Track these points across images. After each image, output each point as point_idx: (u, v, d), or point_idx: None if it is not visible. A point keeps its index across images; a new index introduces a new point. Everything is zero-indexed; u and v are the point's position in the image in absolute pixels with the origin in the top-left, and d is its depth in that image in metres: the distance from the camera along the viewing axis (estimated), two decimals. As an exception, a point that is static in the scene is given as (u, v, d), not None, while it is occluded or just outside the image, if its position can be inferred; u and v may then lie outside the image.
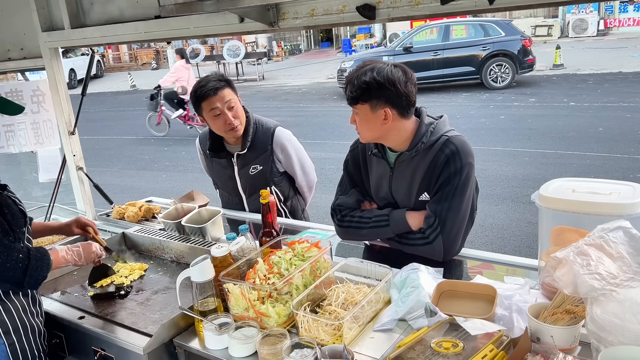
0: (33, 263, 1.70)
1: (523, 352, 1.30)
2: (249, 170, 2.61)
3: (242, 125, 2.53)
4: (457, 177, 1.89)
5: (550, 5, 1.83)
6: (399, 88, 1.82)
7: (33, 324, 1.78)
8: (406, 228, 1.99)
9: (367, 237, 2.15)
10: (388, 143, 1.99)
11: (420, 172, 1.95)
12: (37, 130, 3.10)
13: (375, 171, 2.08)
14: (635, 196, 1.51)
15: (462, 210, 1.93)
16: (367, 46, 22.10)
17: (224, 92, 2.45)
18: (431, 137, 1.92)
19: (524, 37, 13.31)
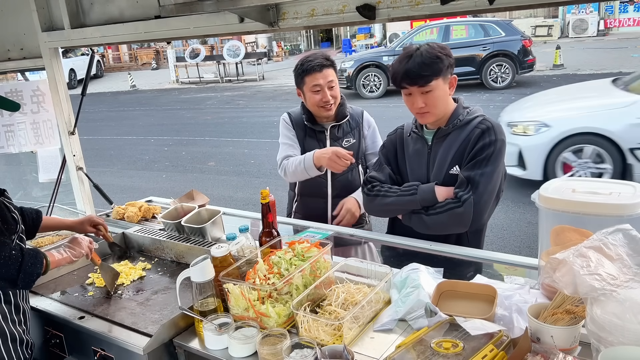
0: (27, 260, 1.69)
1: (523, 352, 1.30)
2: (341, 143, 2.62)
3: (335, 106, 2.59)
4: (491, 147, 1.98)
5: (550, 5, 1.84)
6: (452, 56, 2.02)
7: (14, 332, 1.74)
8: (433, 200, 2.04)
9: (392, 207, 2.17)
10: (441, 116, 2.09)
11: (454, 147, 2.06)
12: (37, 130, 3.10)
13: (413, 150, 2.19)
14: (635, 197, 1.51)
15: (494, 180, 2.00)
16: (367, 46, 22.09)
17: (329, 71, 2.52)
18: (467, 116, 2.08)
19: (524, 37, 13.31)
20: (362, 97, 13.62)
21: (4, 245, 1.66)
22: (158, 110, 15.41)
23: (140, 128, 12.78)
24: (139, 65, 29.12)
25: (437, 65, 1.96)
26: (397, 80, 2.03)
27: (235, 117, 10.03)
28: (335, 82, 2.55)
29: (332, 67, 2.54)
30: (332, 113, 2.58)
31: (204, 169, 8.79)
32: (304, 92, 2.57)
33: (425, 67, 1.95)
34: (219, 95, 17.00)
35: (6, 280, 1.68)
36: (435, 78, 1.97)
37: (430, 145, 2.13)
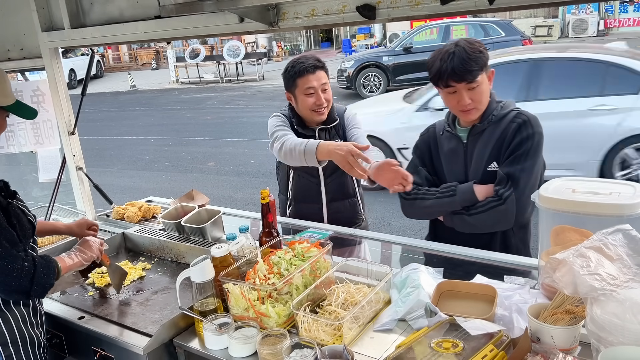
0: (39, 271, 1.67)
1: (523, 352, 1.30)
2: None
3: (328, 110, 2.49)
4: (529, 141, 1.96)
5: (550, 5, 1.84)
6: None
7: (32, 335, 1.75)
8: (473, 199, 2.02)
9: (431, 210, 2.14)
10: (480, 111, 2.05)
11: (491, 143, 2.03)
12: (37, 130, 3.10)
13: (448, 149, 2.15)
14: (635, 197, 1.51)
15: (534, 174, 1.98)
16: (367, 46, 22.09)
17: (321, 73, 2.43)
18: (501, 111, 2.04)
19: (524, 37, 13.31)
20: (362, 97, 13.59)
21: (16, 258, 1.64)
22: (158, 110, 15.41)
23: (140, 128, 12.77)
24: (139, 65, 29.11)
25: (482, 60, 1.95)
26: (443, 79, 1.97)
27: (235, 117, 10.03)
28: (328, 84, 2.46)
29: (324, 69, 2.45)
30: (324, 118, 2.48)
31: (204, 169, 8.79)
32: (296, 95, 2.45)
33: (471, 62, 1.92)
34: (219, 96, 16.99)
35: (20, 292, 1.67)
36: (481, 72, 1.95)
37: (465, 143, 2.09)
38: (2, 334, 1.69)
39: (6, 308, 1.71)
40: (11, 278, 1.62)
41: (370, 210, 5.97)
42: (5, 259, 1.61)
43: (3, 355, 1.69)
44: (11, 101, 1.80)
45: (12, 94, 1.82)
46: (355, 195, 2.63)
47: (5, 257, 1.62)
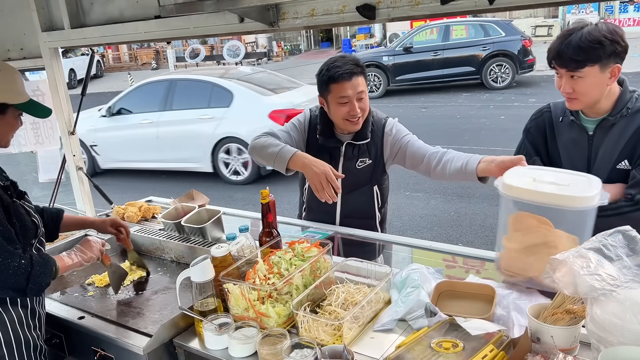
0: (36, 269, 1.66)
1: (523, 352, 1.30)
2: (355, 164, 2.30)
3: (363, 119, 2.27)
4: None
5: (550, 5, 1.84)
6: (626, 42, 1.79)
7: (29, 337, 1.73)
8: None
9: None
10: (597, 107, 1.89)
11: (623, 139, 1.85)
12: (37, 130, 3.10)
13: (568, 139, 1.97)
14: (589, 189, 1.51)
15: None
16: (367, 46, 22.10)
17: (359, 80, 2.18)
18: (637, 103, 1.86)
19: (524, 37, 13.30)
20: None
21: (13, 255, 1.63)
22: (158, 110, 15.36)
23: (140, 128, 12.72)
24: (139, 65, 29.09)
25: (596, 52, 1.74)
26: (549, 58, 1.85)
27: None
28: (365, 92, 2.22)
29: (362, 75, 2.20)
30: (358, 127, 2.25)
31: (204, 169, 8.78)
32: (328, 102, 2.24)
33: (580, 51, 1.75)
34: (219, 95, 16.95)
35: (15, 289, 1.65)
36: (591, 65, 1.76)
37: (591, 135, 1.91)
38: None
39: (3, 309, 1.69)
40: (7, 275, 1.61)
41: (370, 210, 6.00)
42: (1, 256, 1.60)
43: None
44: (24, 99, 1.79)
45: (25, 92, 1.81)
46: (372, 217, 2.42)
47: (1, 253, 1.60)
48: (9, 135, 1.84)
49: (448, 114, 10.86)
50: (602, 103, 1.89)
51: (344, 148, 2.32)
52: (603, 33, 1.75)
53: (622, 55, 1.79)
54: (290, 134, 2.37)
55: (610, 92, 1.87)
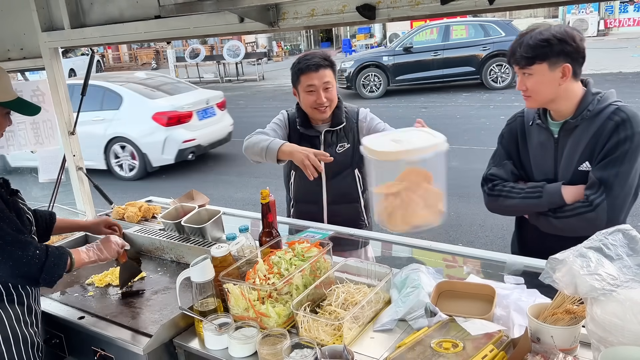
0: (50, 260, 1.69)
1: (523, 352, 1.30)
2: (335, 149, 2.48)
3: (331, 109, 2.47)
4: (627, 143, 1.81)
5: (550, 5, 1.84)
6: (577, 43, 1.83)
7: (26, 334, 1.75)
8: (560, 202, 1.90)
9: (516, 209, 2.06)
10: (556, 107, 1.94)
11: (584, 141, 1.89)
12: (37, 130, 3.10)
13: (536, 142, 2.02)
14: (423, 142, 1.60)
15: (630, 179, 1.83)
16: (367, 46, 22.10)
17: (326, 72, 2.40)
18: (598, 105, 1.88)
19: (524, 37, 13.29)
20: (362, 97, 13.61)
21: (29, 244, 1.67)
22: (158, 110, 15.37)
23: (140, 128, 12.74)
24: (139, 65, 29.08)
25: (543, 50, 1.81)
26: (507, 57, 1.95)
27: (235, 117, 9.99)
28: (332, 84, 2.43)
29: (330, 68, 2.42)
30: (326, 116, 2.47)
31: (204, 169, 8.78)
32: (299, 92, 2.47)
33: (529, 49, 1.83)
34: (219, 95, 16.97)
35: (28, 278, 1.69)
36: (539, 62, 1.83)
37: (556, 138, 1.96)
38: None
39: (0, 306, 1.70)
40: (20, 264, 1.63)
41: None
42: (14, 245, 1.63)
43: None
44: (11, 97, 1.79)
45: (12, 90, 1.81)
46: (357, 201, 2.58)
47: (14, 242, 1.63)
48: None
49: (448, 114, 10.85)
50: (564, 105, 1.92)
51: (322, 136, 2.51)
52: (553, 33, 1.82)
53: (573, 55, 1.84)
54: (276, 131, 2.54)
55: (572, 93, 1.90)
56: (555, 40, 1.81)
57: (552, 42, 1.81)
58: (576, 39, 1.83)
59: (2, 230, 1.63)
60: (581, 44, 1.84)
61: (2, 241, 1.62)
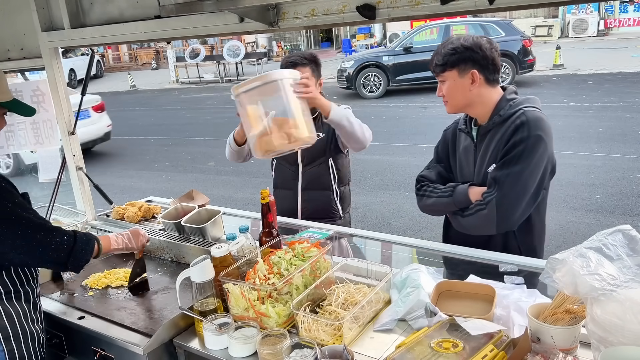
0: (79, 245, 1.75)
1: (523, 352, 1.30)
2: None
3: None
4: (521, 145, 1.89)
5: (550, 5, 1.83)
6: (485, 51, 1.94)
7: (33, 330, 1.77)
8: (467, 201, 2.01)
9: (433, 207, 2.16)
10: (474, 112, 2.05)
11: (493, 145, 1.99)
12: (37, 130, 3.10)
13: (462, 147, 2.14)
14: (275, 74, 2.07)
15: (523, 179, 1.90)
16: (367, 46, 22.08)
17: (302, 69, 2.51)
18: (509, 110, 1.96)
19: (524, 37, 13.31)
20: (362, 97, 13.61)
21: (57, 231, 1.73)
22: (158, 110, 15.40)
23: (140, 128, 12.77)
24: (139, 65, 29.10)
25: (452, 57, 1.95)
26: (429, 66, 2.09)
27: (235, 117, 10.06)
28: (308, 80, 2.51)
29: (307, 66, 2.54)
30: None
31: (204, 169, 8.79)
32: None
33: (441, 57, 1.97)
34: (219, 95, 16.98)
35: (56, 263, 1.75)
36: (449, 69, 1.96)
37: (475, 143, 2.08)
38: (5, 329, 1.71)
39: (9, 303, 1.73)
40: (49, 249, 1.70)
41: (370, 210, 6.00)
42: (42, 231, 1.69)
43: (5, 349, 1.71)
44: (8, 98, 1.81)
45: (9, 91, 1.83)
46: (329, 189, 2.73)
47: (42, 229, 1.70)
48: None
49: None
50: (480, 110, 2.02)
51: None
52: (461, 42, 1.96)
53: (480, 63, 1.95)
54: None
55: (487, 99, 2.00)
56: (462, 48, 1.94)
57: (460, 50, 1.94)
58: (483, 47, 1.95)
59: (29, 220, 1.69)
60: (489, 52, 1.95)
61: (31, 229, 1.68)
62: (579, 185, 6.30)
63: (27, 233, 1.67)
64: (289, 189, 2.76)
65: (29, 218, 1.70)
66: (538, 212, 2.04)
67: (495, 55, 1.97)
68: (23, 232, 1.67)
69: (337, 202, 2.77)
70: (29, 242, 1.67)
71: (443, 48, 1.98)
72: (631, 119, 9.22)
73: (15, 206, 1.69)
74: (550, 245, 4.82)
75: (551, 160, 1.98)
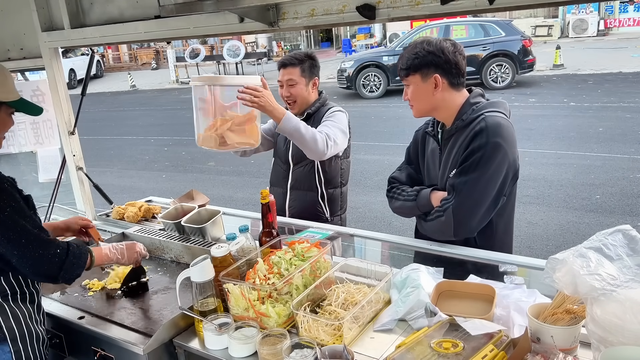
0: (70, 259, 1.73)
1: (523, 352, 1.30)
2: None
3: (298, 105, 2.66)
4: (479, 152, 1.87)
5: (550, 5, 1.84)
6: (447, 55, 1.92)
7: (38, 331, 1.78)
8: (429, 206, 2.02)
9: (399, 210, 2.19)
10: (439, 116, 2.05)
11: (455, 149, 1.98)
12: (37, 130, 3.10)
13: (429, 150, 2.15)
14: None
15: (481, 187, 1.88)
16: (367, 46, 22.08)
17: (290, 70, 2.62)
18: (472, 115, 1.94)
19: (524, 37, 13.30)
20: (362, 97, 13.61)
21: (50, 244, 1.70)
22: (158, 110, 15.40)
23: (140, 128, 12.77)
24: (139, 65, 29.10)
25: (414, 62, 1.94)
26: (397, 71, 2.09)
27: (235, 117, 10.12)
28: (295, 81, 2.61)
29: (297, 67, 2.60)
30: (295, 111, 2.64)
31: (204, 169, 8.79)
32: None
33: (404, 61, 1.98)
34: (219, 95, 16.97)
35: (48, 276, 1.73)
36: (413, 74, 1.96)
37: (441, 147, 2.07)
38: (12, 329, 1.71)
39: (15, 304, 1.73)
40: (41, 262, 1.67)
41: (369, 210, 6.00)
42: (36, 243, 1.66)
43: (12, 350, 1.71)
44: (15, 97, 1.80)
45: (16, 90, 1.82)
46: (314, 190, 2.73)
47: (36, 241, 1.67)
48: (2, 133, 1.84)
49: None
50: (445, 114, 2.01)
51: None
52: (424, 46, 1.94)
53: (443, 67, 1.93)
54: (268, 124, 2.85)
55: (451, 103, 1.99)
56: (424, 52, 1.93)
57: (422, 54, 1.93)
58: (446, 51, 1.92)
59: (25, 229, 1.66)
60: (452, 56, 1.93)
61: (25, 240, 1.65)
62: (579, 185, 6.30)
63: (21, 243, 1.64)
64: (280, 187, 2.81)
65: (25, 227, 1.66)
66: (501, 217, 2.03)
67: (459, 58, 1.94)
68: (17, 241, 1.63)
69: (324, 204, 2.76)
70: (21, 253, 1.64)
71: (407, 52, 1.97)
72: (631, 119, 9.23)
73: (13, 211, 1.65)
74: (550, 245, 4.84)
75: (512, 166, 1.93)
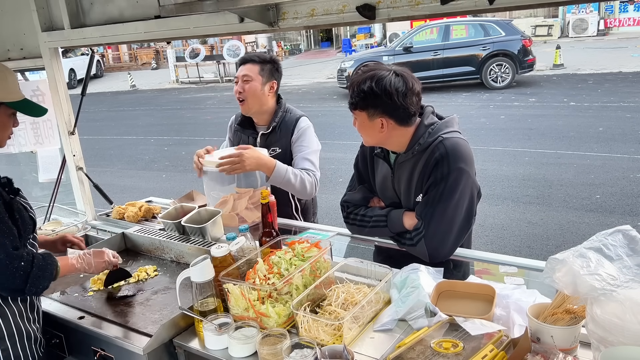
0: (35, 271, 1.67)
1: (523, 352, 1.30)
2: (268, 152, 2.61)
3: (249, 104, 2.61)
4: (442, 182, 1.85)
5: (550, 5, 1.84)
6: (395, 100, 1.81)
7: (29, 330, 1.77)
8: (402, 228, 2.00)
9: (369, 234, 2.17)
10: (389, 147, 2.01)
11: (416, 174, 1.94)
12: (37, 130, 3.10)
13: (380, 171, 2.11)
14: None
15: (448, 216, 1.87)
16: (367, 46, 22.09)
17: (249, 67, 2.60)
18: (428, 139, 1.89)
19: (524, 37, 13.31)
20: (362, 97, 13.61)
21: (15, 257, 1.65)
22: (158, 110, 15.41)
23: (140, 128, 12.77)
24: (139, 65, 29.11)
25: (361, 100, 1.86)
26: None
27: (235, 117, 10.14)
28: (251, 77, 2.56)
29: (258, 65, 2.58)
30: (245, 108, 2.63)
31: (204, 169, 8.78)
32: None
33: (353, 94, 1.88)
34: (219, 95, 16.99)
35: (14, 290, 1.68)
36: (360, 110, 1.89)
37: (393, 170, 2.02)
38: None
39: (4, 303, 1.72)
40: (5, 276, 1.63)
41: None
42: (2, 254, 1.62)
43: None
44: (17, 98, 1.79)
45: (18, 91, 1.81)
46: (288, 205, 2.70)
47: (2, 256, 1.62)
48: (4, 134, 1.83)
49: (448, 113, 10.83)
50: (396, 145, 1.95)
51: (259, 138, 2.70)
52: (372, 85, 1.81)
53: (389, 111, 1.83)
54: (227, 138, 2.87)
55: (400, 137, 1.92)
56: (371, 93, 1.81)
57: (369, 95, 1.81)
58: (394, 96, 1.79)
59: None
60: (402, 100, 1.80)
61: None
62: (579, 185, 6.30)
63: None
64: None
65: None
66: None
67: (410, 101, 1.83)
68: None
69: (297, 214, 2.75)
70: None
71: (355, 84, 1.86)
72: (631, 118, 9.23)
73: None
74: (550, 245, 4.84)
75: (476, 186, 1.93)
